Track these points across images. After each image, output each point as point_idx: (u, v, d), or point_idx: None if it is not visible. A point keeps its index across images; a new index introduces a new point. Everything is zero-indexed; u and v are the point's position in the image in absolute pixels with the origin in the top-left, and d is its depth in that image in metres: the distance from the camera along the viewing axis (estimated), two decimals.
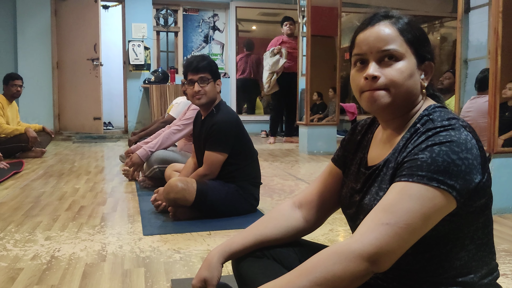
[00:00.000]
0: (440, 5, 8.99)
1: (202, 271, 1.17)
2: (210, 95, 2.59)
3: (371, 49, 0.99)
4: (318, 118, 6.64)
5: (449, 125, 0.91)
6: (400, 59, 0.97)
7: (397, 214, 0.86)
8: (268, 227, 1.20)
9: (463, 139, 0.89)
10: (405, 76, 0.97)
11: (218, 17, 8.40)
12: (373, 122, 1.16)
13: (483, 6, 4.68)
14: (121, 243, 2.13)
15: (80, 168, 4.42)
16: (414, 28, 1.00)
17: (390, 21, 1.00)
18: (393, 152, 1.00)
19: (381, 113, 1.02)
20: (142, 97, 7.86)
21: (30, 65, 7.31)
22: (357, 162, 1.13)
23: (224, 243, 1.20)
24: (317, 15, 5.49)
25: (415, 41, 0.99)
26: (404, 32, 0.99)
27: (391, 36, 0.98)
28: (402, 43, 0.98)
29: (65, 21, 7.47)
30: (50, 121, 7.41)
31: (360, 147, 1.15)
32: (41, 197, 3.10)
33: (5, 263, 1.85)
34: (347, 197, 1.12)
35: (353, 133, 1.19)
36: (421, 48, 1.00)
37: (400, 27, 0.99)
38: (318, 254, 0.91)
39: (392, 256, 0.87)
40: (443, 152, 0.87)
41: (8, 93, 5.22)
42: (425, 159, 0.88)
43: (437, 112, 0.97)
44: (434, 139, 0.89)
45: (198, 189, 2.43)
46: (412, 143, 0.94)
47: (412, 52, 0.99)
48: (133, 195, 3.18)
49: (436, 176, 0.86)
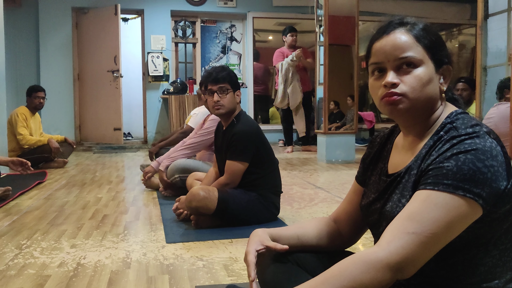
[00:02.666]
0: (458, 12, 8.94)
1: (250, 245, 1.13)
2: (229, 106, 2.62)
3: (388, 58, 0.99)
4: (336, 127, 6.64)
5: (474, 132, 0.91)
6: (418, 66, 0.98)
7: (423, 223, 0.86)
8: (308, 226, 1.22)
9: (488, 146, 0.88)
10: (424, 82, 0.98)
11: (235, 28, 8.48)
12: (392, 132, 1.17)
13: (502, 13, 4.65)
14: (145, 250, 2.16)
15: (102, 178, 4.49)
16: (430, 33, 1.01)
17: (406, 28, 1.00)
18: (415, 159, 1.00)
19: (402, 118, 1.02)
20: (161, 107, 7.95)
21: (52, 77, 7.48)
22: (377, 172, 1.14)
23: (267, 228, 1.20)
24: (334, 24, 5.51)
25: (431, 46, 1.00)
26: (420, 38, 0.99)
27: (407, 43, 0.98)
28: (419, 50, 0.98)
29: (86, 33, 7.63)
30: (71, 132, 7.55)
31: (380, 158, 1.16)
32: (65, 206, 3.17)
33: (33, 270, 1.90)
34: (366, 205, 1.13)
35: (373, 146, 1.21)
36: (438, 52, 1.01)
37: (415, 33, 1.00)
38: (344, 262, 0.90)
39: (417, 265, 0.87)
40: (469, 160, 0.87)
41: (31, 105, 5.34)
42: (450, 168, 0.88)
43: (460, 120, 0.97)
44: (459, 147, 0.89)
45: (219, 198, 2.46)
46: (436, 150, 0.94)
47: (429, 57, 0.99)
48: (155, 204, 3.22)
49: (462, 184, 0.86)
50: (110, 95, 7.40)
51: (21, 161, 3.28)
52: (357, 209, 1.20)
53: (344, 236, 1.23)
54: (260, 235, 1.16)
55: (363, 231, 1.24)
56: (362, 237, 1.27)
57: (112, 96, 7.38)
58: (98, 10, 7.49)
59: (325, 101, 5.54)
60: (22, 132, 5.10)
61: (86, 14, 7.63)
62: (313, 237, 1.20)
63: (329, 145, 5.50)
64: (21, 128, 5.10)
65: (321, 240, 1.21)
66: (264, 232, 1.17)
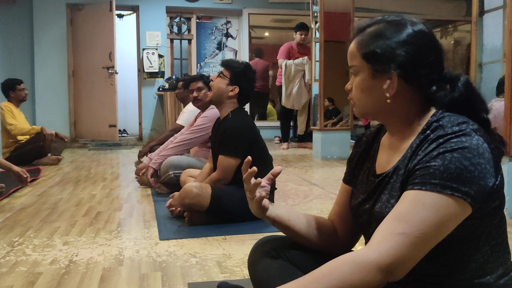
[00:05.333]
0: (454, 8, 8.94)
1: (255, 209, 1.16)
2: (217, 92, 2.65)
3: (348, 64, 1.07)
4: (332, 123, 6.64)
5: (460, 130, 0.90)
6: (358, 74, 1.03)
7: (412, 224, 0.86)
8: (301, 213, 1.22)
9: (475, 144, 0.88)
10: (361, 90, 1.03)
11: (231, 24, 8.46)
12: (378, 131, 1.16)
13: (498, 9, 4.65)
14: (137, 247, 2.15)
15: (96, 174, 4.47)
16: (373, 41, 0.99)
17: (357, 36, 1.03)
18: (402, 159, 1.00)
19: (370, 119, 1.08)
20: (157, 104, 7.93)
21: (46, 73, 7.45)
22: (365, 172, 1.14)
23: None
24: (330, 21, 5.50)
25: (367, 54, 1.00)
26: (361, 46, 1.01)
27: (353, 52, 1.04)
28: (359, 58, 1.02)
29: (80, 30, 7.59)
30: (66, 129, 7.51)
31: (367, 157, 1.15)
32: (59, 203, 3.15)
33: (25, 268, 1.89)
34: (355, 206, 1.12)
35: (359, 146, 1.20)
36: (374, 59, 0.99)
37: (359, 41, 1.02)
38: (334, 261, 0.90)
39: (407, 265, 0.87)
40: (455, 159, 0.87)
41: (17, 98, 5.25)
42: (437, 167, 0.87)
43: (446, 117, 0.96)
44: (446, 146, 0.89)
45: (212, 194, 2.45)
46: (422, 150, 0.93)
47: (368, 66, 1.00)
48: (149, 201, 3.21)
49: (450, 183, 0.86)
50: (105, 92, 7.37)
51: (20, 175, 3.30)
52: (348, 211, 1.18)
53: (340, 238, 1.21)
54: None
55: (359, 234, 1.22)
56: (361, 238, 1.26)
57: (107, 92, 7.35)
58: (93, 7, 7.45)
59: (321, 97, 5.54)
60: (12, 122, 5.03)
61: (80, 10, 7.59)
62: (301, 225, 1.17)
63: (324, 142, 5.50)
64: (10, 119, 5.03)
65: (311, 232, 1.18)
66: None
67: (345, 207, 1.20)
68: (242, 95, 2.67)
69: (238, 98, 2.67)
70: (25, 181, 3.37)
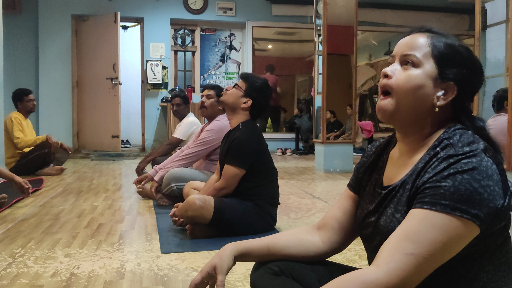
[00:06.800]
0: (457, 23, 8.98)
1: (213, 259, 1.17)
2: (230, 100, 2.67)
3: (398, 52, 1.03)
4: (335, 136, 6.63)
5: (470, 151, 0.90)
6: (416, 67, 0.99)
7: (422, 244, 0.86)
8: (282, 235, 1.21)
9: (484, 166, 0.88)
10: (411, 84, 0.98)
11: (234, 37, 8.50)
12: (388, 143, 1.16)
13: (501, 24, 4.67)
14: (139, 260, 2.14)
15: (99, 185, 4.47)
16: (449, 46, 1.00)
17: (428, 34, 1.02)
18: (410, 173, 0.99)
19: (392, 124, 1.04)
20: (160, 115, 7.95)
21: (50, 84, 7.49)
22: (372, 183, 1.13)
23: (240, 241, 1.21)
24: (333, 34, 5.53)
25: (442, 57, 0.99)
26: (435, 47, 0.99)
27: (418, 45, 1.00)
28: (427, 54, 0.99)
29: (85, 41, 7.64)
30: (69, 139, 7.53)
31: (375, 168, 1.15)
32: (61, 214, 3.14)
33: (26, 280, 1.88)
34: (361, 218, 1.11)
35: (368, 156, 1.19)
36: (446, 65, 0.99)
37: (433, 40, 1.00)
38: (341, 280, 0.90)
39: (413, 285, 0.88)
40: (465, 180, 0.86)
41: (25, 109, 5.29)
42: (448, 187, 0.87)
43: (457, 135, 0.95)
44: (456, 167, 0.88)
45: (215, 207, 2.44)
46: (432, 168, 0.93)
47: (434, 65, 0.98)
48: (151, 213, 3.20)
49: (459, 205, 0.86)
50: (109, 103, 7.39)
51: (22, 186, 3.30)
52: (348, 216, 1.18)
53: (325, 243, 1.19)
54: (225, 256, 1.17)
55: (352, 239, 1.22)
56: (361, 250, 1.25)
57: (111, 103, 7.37)
58: (98, 18, 7.51)
59: (323, 110, 5.54)
60: (18, 135, 5.07)
61: (85, 21, 7.65)
62: (285, 247, 1.17)
63: (327, 155, 5.49)
64: (17, 132, 5.08)
65: (297, 250, 1.18)
66: (231, 250, 1.18)
67: (345, 212, 1.19)
68: (255, 109, 2.68)
69: (250, 111, 2.68)
70: (27, 192, 3.37)
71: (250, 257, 1.19)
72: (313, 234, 1.21)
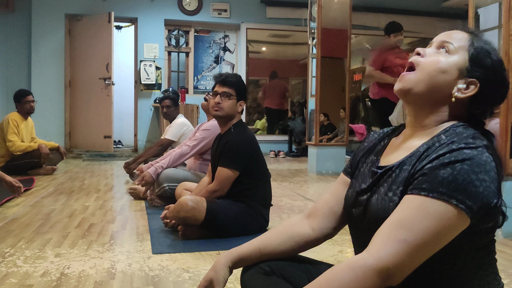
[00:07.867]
0: (450, 28, 8.98)
1: (209, 272, 1.17)
2: (228, 111, 2.63)
3: (437, 39, 1.06)
4: (328, 139, 6.65)
5: (473, 143, 0.91)
6: (449, 53, 1.01)
7: (415, 231, 0.86)
8: (272, 235, 1.20)
9: (484, 160, 0.89)
10: (437, 66, 1.00)
11: (228, 38, 8.50)
12: (393, 131, 1.16)
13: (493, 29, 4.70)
14: (130, 261, 2.13)
15: (90, 186, 4.44)
16: (486, 50, 1.01)
17: (468, 32, 1.04)
18: (410, 155, 0.99)
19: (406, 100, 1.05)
20: (153, 116, 7.92)
21: (43, 83, 7.43)
22: (368, 163, 1.13)
23: (232, 248, 1.21)
24: (327, 37, 5.55)
25: (477, 55, 1.00)
26: (473, 42, 1.01)
27: (458, 37, 1.03)
28: (463, 47, 1.01)
29: (78, 40, 7.60)
30: (61, 139, 7.48)
31: (374, 150, 1.15)
32: (51, 214, 3.12)
33: (15, 280, 1.86)
34: (352, 197, 1.11)
35: (369, 140, 1.20)
36: (477, 64, 1.00)
37: (474, 39, 1.02)
38: (332, 269, 0.90)
39: (405, 272, 0.88)
40: (464, 170, 0.87)
41: (23, 110, 5.29)
42: (446, 176, 0.88)
43: (462, 128, 0.97)
44: (457, 156, 0.89)
45: (208, 208, 2.44)
46: (433, 151, 0.94)
47: (466, 58, 1.00)
48: (142, 214, 3.18)
49: (456, 194, 0.86)
50: (101, 103, 7.36)
51: (12, 185, 3.27)
52: (339, 202, 1.17)
53: (315, 230, 1.18)
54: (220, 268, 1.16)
55: (344, 225, 1.20)
56: (353, 252, 1.24)
57: (103, 103, 7.34)
58: (92, 18, 7.48)
59: (317, 113, 5.56)
60: (12, 138, 5.05)
61: (79, 21, 7.61)
62: (277, 245, 1.17)
63: (319, 157, 5.50)
64: (11, 134, 5.05)
65: (289, 244, 1.18)
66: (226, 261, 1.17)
67: (337, 198, 1.18)
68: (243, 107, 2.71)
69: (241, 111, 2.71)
70: (17, 191, 3.35)
71: (244, 263, 1.19)
72: (302, 224, 1.20)
